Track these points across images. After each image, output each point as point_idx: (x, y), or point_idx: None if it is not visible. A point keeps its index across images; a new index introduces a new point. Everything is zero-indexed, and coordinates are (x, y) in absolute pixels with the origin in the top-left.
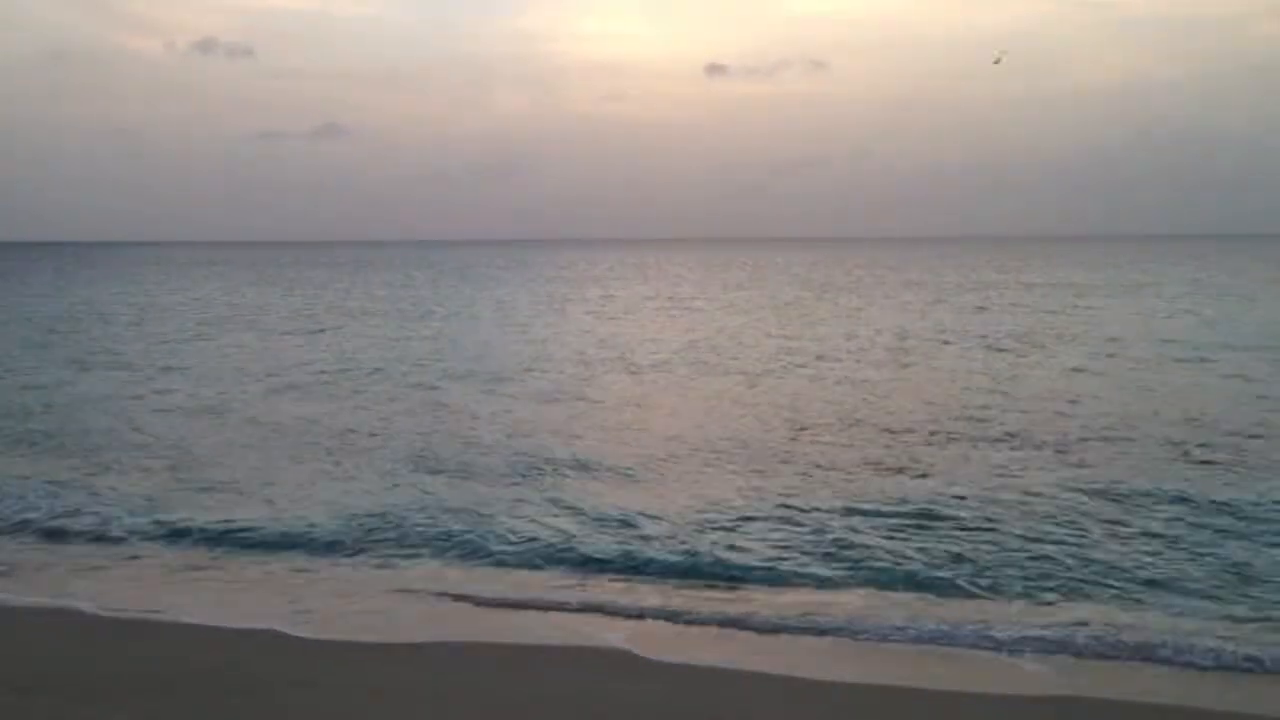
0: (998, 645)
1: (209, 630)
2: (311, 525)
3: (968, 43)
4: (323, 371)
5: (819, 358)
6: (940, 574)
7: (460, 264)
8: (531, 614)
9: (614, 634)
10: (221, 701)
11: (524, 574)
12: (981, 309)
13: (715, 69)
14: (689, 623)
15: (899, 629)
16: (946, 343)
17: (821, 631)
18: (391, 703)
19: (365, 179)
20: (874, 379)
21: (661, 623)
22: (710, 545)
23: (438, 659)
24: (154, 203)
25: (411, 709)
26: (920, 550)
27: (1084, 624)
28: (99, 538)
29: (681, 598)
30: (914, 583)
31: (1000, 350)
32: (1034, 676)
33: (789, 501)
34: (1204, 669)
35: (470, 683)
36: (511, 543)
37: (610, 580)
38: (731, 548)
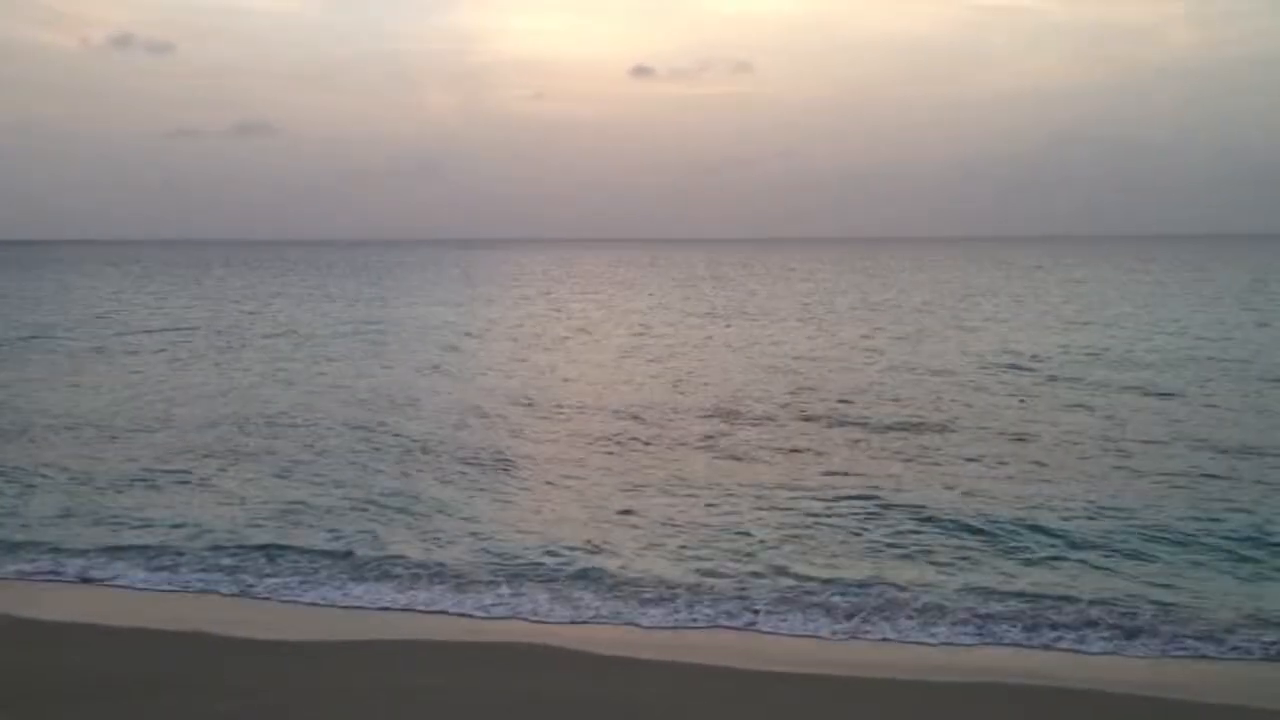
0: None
1: (129, 633)
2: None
3: (888, 47)
4: None
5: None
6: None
7: (367, 267)
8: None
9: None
10: (128, 705)
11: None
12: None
13: (641, 70)
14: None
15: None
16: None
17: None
18: (317, 702)
19: (287, 177)
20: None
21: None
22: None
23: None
24: (69, 200)
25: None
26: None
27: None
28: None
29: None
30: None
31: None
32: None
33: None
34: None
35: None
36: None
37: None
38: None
